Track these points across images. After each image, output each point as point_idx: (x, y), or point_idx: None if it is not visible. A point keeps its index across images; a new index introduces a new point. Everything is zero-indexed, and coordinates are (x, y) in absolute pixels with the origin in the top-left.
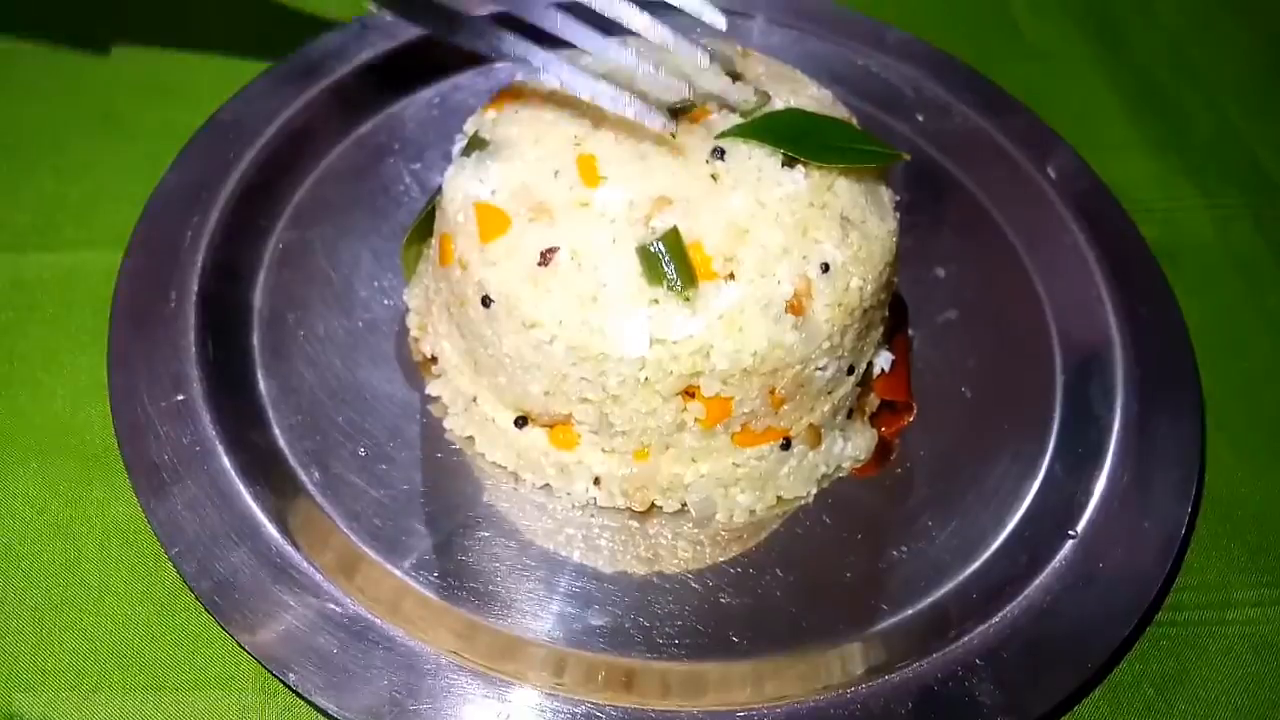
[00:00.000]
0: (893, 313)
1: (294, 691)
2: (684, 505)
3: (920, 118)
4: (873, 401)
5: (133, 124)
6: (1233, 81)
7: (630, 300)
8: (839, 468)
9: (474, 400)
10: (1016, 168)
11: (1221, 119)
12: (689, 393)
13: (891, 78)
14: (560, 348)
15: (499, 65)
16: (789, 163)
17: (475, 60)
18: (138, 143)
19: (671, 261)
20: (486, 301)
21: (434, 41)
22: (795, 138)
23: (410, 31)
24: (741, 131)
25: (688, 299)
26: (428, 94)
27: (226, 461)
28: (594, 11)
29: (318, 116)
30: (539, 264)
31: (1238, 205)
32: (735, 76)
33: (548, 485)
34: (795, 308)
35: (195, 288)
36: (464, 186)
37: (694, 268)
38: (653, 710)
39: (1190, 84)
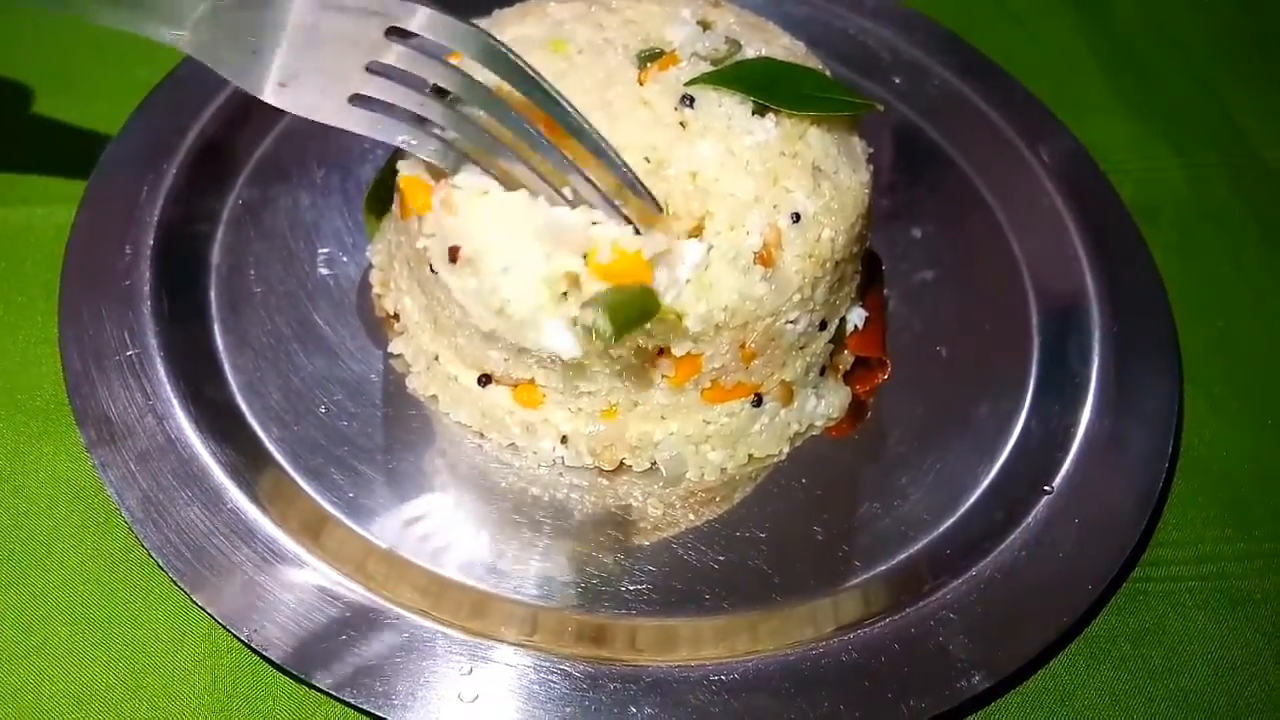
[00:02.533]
0: (867, 270)
1: (248, 647)
2: (654, 464)
3: (897, 80)
4: (847, 359)
5: (91, 82)
6: (1209, 44)
7: (541, 311)
8: (812, 426)
9: (435, 358)
10: (994, 130)
11: (1198, 81)
12: (658, 350)
13: (869, 41)
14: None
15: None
16: (760, 111)
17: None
18: (96, 101)
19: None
20: (432, 269)
21: None
22: (766, 86)
23: None
24: (711, 79)
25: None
26: None
27: (181, 416)
28: None
29: None
30: (449, 260)
31: (1214, 165)
32: (705, 25)
33: (513, 444)
34: (765, 258)
35: (150, 243)
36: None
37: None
38: (621, 664)
39: (1167, 47)
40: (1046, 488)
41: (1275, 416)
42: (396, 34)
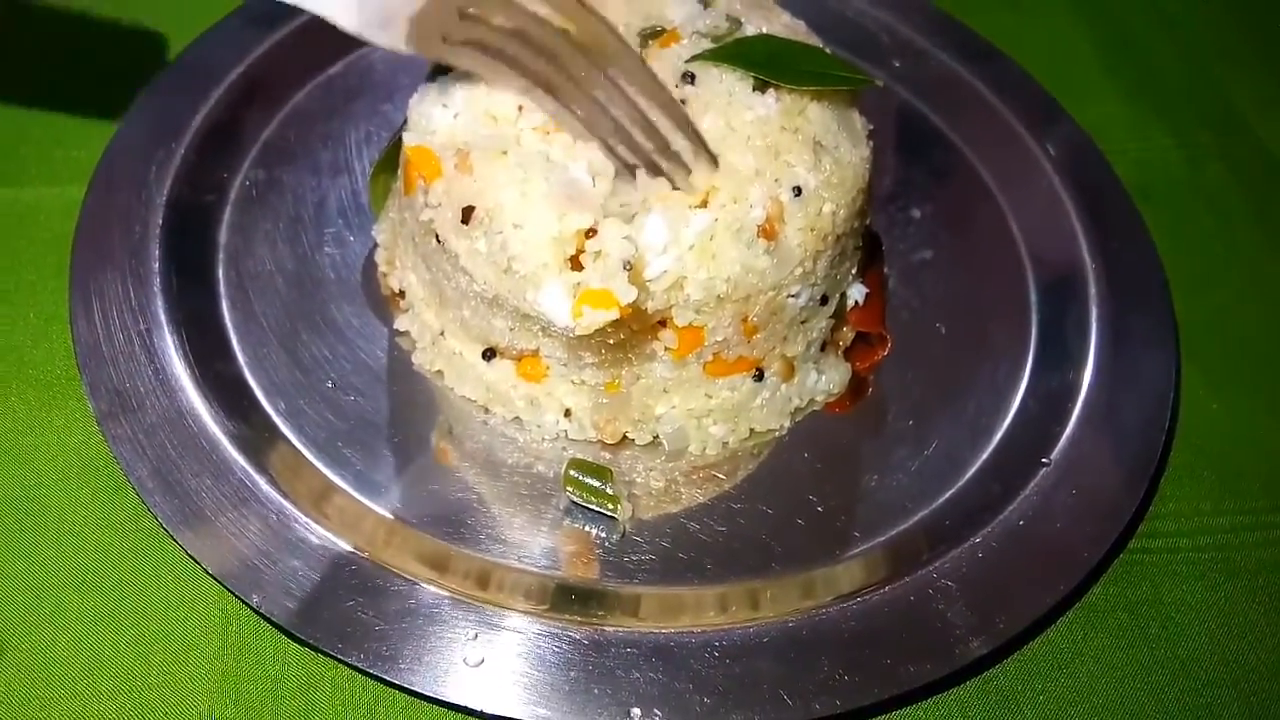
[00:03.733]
0: (866, 247)
1: (257, 613)
2: (656, 438)
3: (896, 63)
4: (847, 335)
5: (100, 65)
6: (1205, 26)
7: (545, 269)
8: (812, 401)
9: (441, 334)
10: (992, 111)
11: (1194, 63)
12: (661, 322)
13: (867, 24)
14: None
15: None
16: (760, 87)
17: None
18: (104, 83)
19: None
20: (438, 238)
21: None
22: (767, 62)
23: None
24: (712, 55)
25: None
26: None
27: (190, 390)
28: None
29: (286, 57)
30: (461, 220)
31: (1210, 145)
32: (706, 4)
33: (518, 418)
34: (767, 231)
35: (159, 222)
36: (428, 112)
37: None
38: (623, 631)
39: (1163, 29)
40: (1044, 460)
41: (1271, 389)
42: None
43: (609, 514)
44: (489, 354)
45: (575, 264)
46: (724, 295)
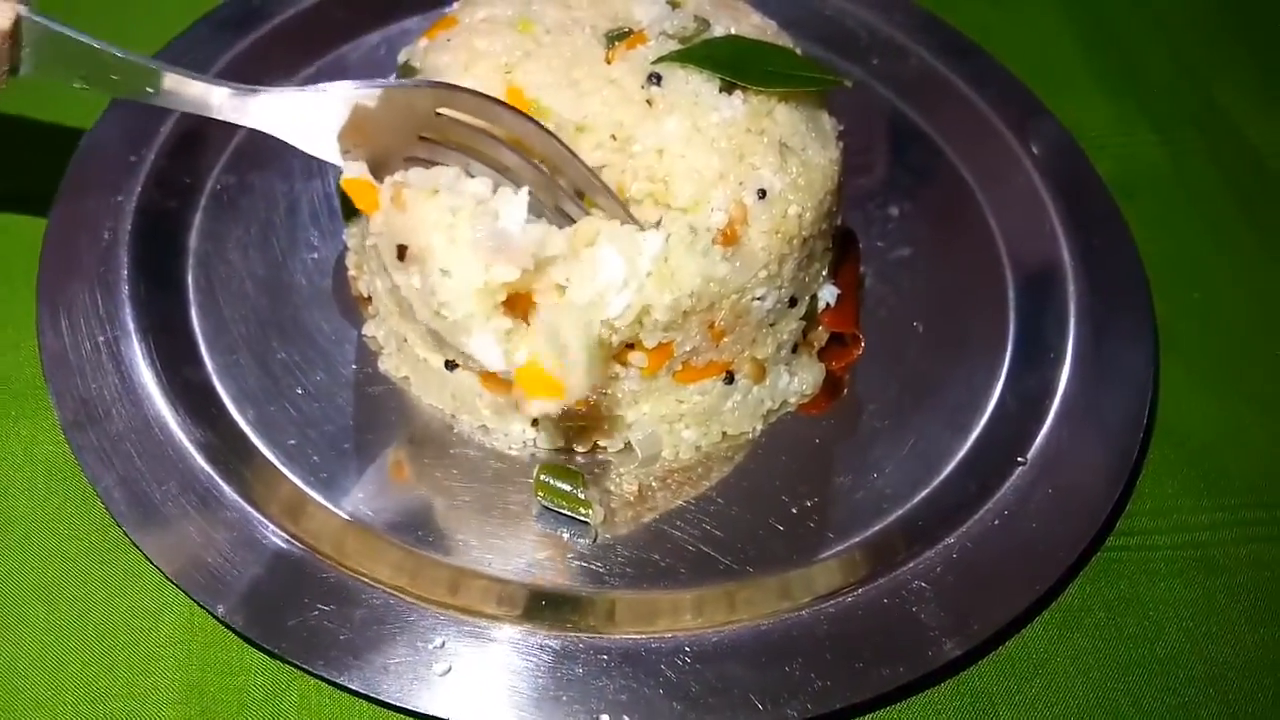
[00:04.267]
0: (840, 247)
1: (223, 623)
2: (628, 444)
3: (875, 60)
4: (821, 336)
5: None
6: (1189, 22)
7: (471, 319)
8: (785, 403)
9: (405, 340)
10: (972, 108)
11: (1178, 58)
12: (629, 345)
13: (846, 21)
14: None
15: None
16: (727, 88)
17: (423, 4)
18: (73, 91)
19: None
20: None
21: None
22: (732, 63)
23: None
24: (679, 57)
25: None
26: (373, 38)
27: (158, 398)
28: None
29: (259, 60)
30: (397, 257)
31: (1193, 141)
32: (674, 4)
33: (484, 425)
34: (729, 235)
35: (128, 228)
36: None
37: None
38: (594, 637)
39: (1147, 25)
40: (1020, 459)
41: (1251, 386)
42: (441, 112)
43: (581, 519)
44: (451, 364)
45: (513, 305)
46: (689, 309)
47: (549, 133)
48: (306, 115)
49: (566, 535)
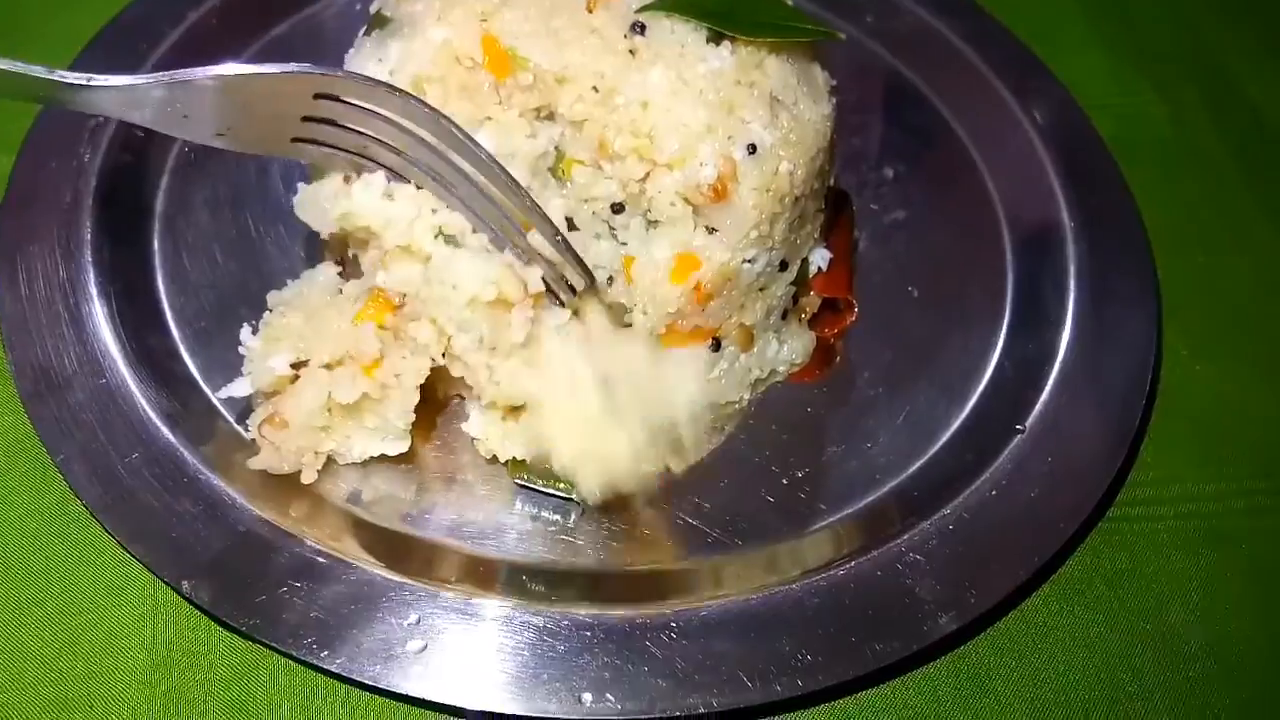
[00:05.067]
0: (833, 209)
1: (188, 600)
2: None
3: (869, 18)
4: (813, 302)
5: (35, 30)
6: None
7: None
8: (774, 372)
9: None
10: (968, 66)
11: (1178, 16)
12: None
13: None
14: None
15: None
16: (714, 38)
17: None
18: (41, 49)
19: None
20: None
21: None
22: (722, 12)
23: None
24: (664, 5)
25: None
26: None
27: (121, 366)
28: None
29: (229, 18)
30: None
31: (1195, 103)
32: None
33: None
34: (719, 191)
35: (91, 189)
36: (363, 67)
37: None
38: (577, 613)
39: None
40: (1019, 427)
41: (1256, 352)
42: (324, 96)
43: (562, 495)
44: None
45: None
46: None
47: (445, 118)
48: (174, 101)
49: (549, 510)
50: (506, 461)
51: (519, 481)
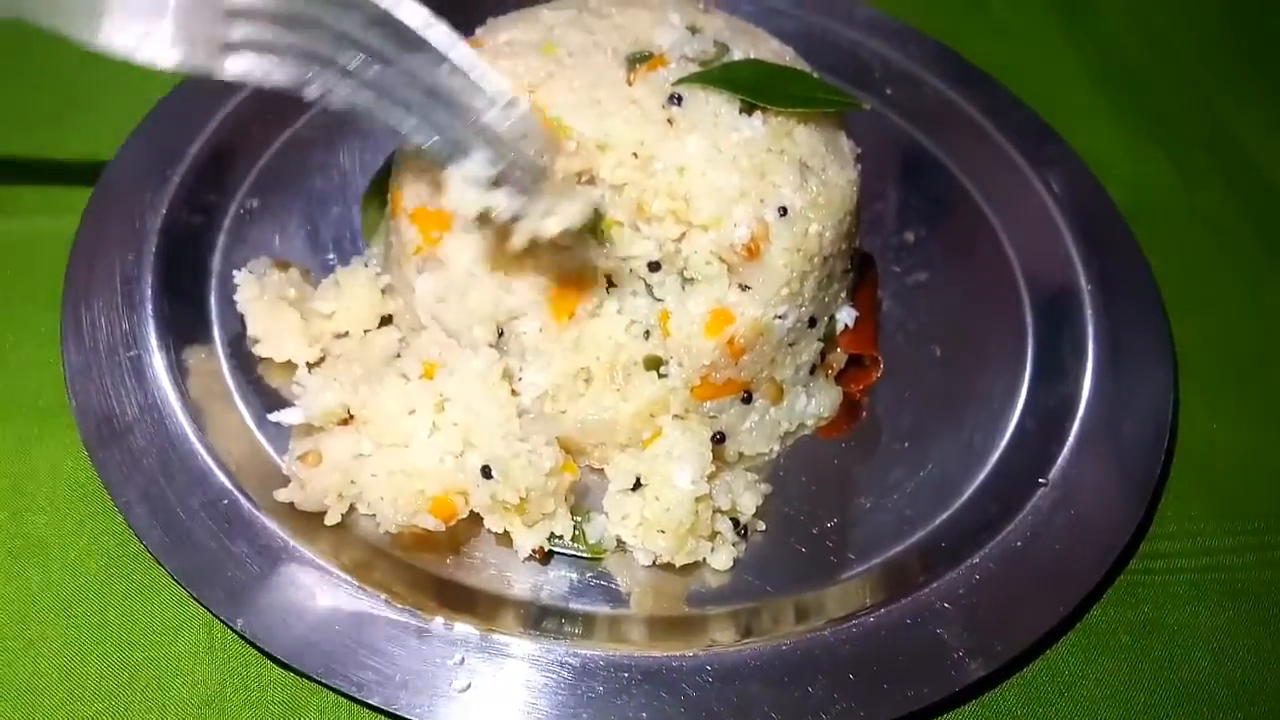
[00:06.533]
0: (858, 270)
1: (242, 638)
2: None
3: (889, 91)
4: (839, 358)
5: (99, 100)
6: (1198, 49)
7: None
8: (803, 425)
9: None
10: (985, 135)
11: (1189, 86)
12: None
13: (859, 52)
14: None
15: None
16: (747, 109)
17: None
18: (104, 118)
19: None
20: None
21: None
22: (754, 85)
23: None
24: (699, 78)
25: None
26: None
27: (179, 414)
28: None
29: (264, 100)
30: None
31: (1206, 168)
32: (694, 30)
33: None
34: (752, 250)
35: (153, 249)
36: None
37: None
38: (615, 654)
39: (1156, 53)
40: (1041, 480)
41: (1271, 408)
42: None
43: (590, 557)
44: None
45: None
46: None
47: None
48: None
49: (586, 554)
50: None
51: (548, 548)
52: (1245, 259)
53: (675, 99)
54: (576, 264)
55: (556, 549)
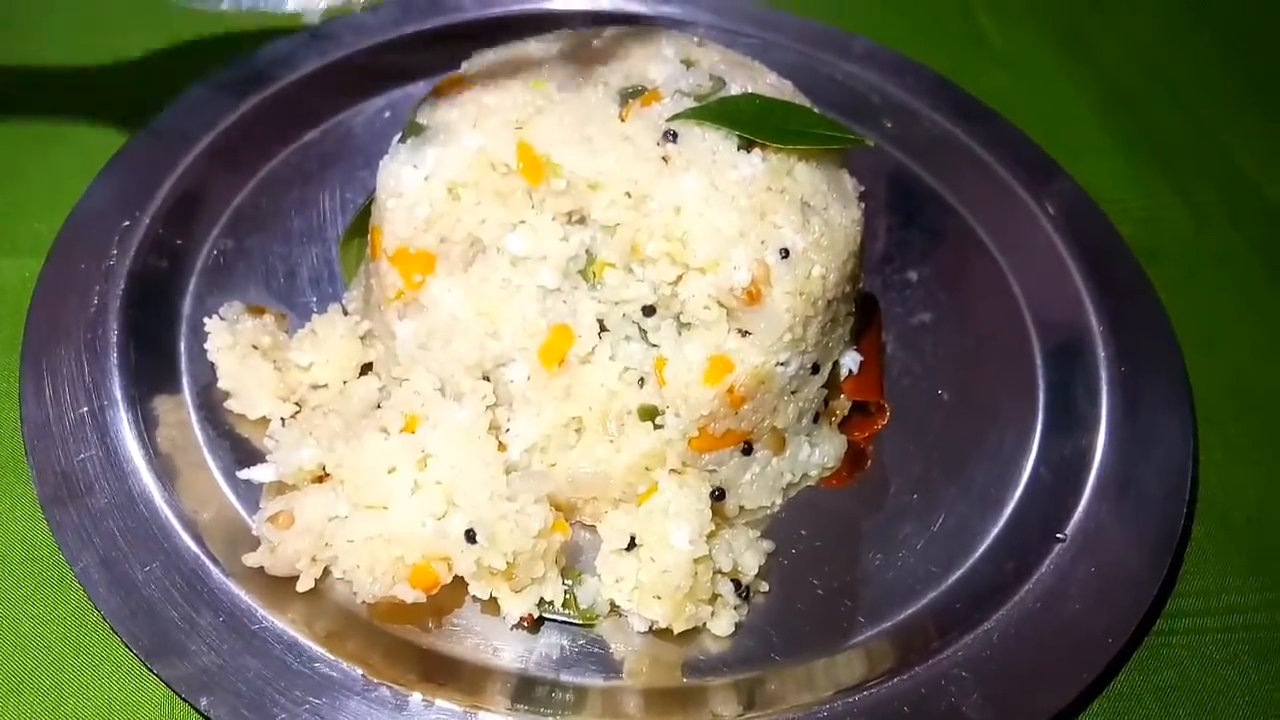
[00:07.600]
0: (862, 312)
1: (205, 717)
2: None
3: (888, 124)
4: (843, 405)
5: (66, 135)
6: (1201, 83)
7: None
8: (806, 476)
9: None
10: (988, 171)
11: (1193, 119)
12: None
13: (858, 86)
14: None
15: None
16: (745, 146)
17: (429, 70)
18: (71, 153)
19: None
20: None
21: (386, 50)
22: (752, 121)
23: (362, 40)
24: (695, 114)
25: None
26: (379, 102)
27: (143, 473)
28: None
29: (260, 124)
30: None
31: (1215, 203)
32: (689, 64)
33: None
34: (753, 294)
35: (120, 294)
36: (398, 172)
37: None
38: None
39: (1159, 87)
40: (1059, 535)
41: None
42: None
43: (582, 624)
44: None
45: None
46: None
47: None
48: None
49: (578, 620)
50: None
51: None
52: (1257, 296)
53: (670, 135)
54: (567, 307)
55: (546, 615)
